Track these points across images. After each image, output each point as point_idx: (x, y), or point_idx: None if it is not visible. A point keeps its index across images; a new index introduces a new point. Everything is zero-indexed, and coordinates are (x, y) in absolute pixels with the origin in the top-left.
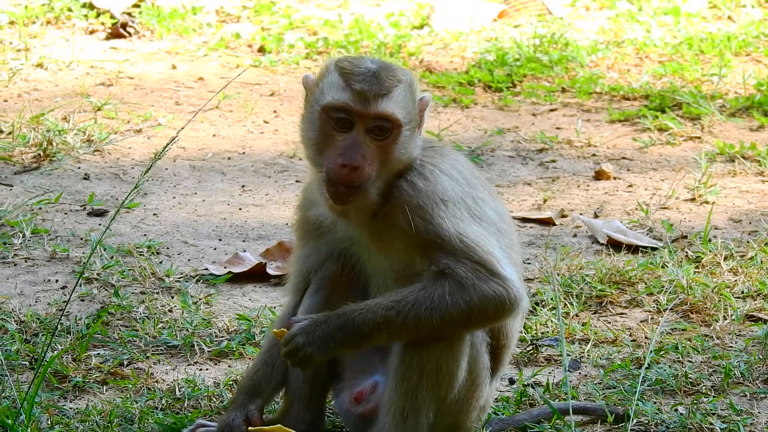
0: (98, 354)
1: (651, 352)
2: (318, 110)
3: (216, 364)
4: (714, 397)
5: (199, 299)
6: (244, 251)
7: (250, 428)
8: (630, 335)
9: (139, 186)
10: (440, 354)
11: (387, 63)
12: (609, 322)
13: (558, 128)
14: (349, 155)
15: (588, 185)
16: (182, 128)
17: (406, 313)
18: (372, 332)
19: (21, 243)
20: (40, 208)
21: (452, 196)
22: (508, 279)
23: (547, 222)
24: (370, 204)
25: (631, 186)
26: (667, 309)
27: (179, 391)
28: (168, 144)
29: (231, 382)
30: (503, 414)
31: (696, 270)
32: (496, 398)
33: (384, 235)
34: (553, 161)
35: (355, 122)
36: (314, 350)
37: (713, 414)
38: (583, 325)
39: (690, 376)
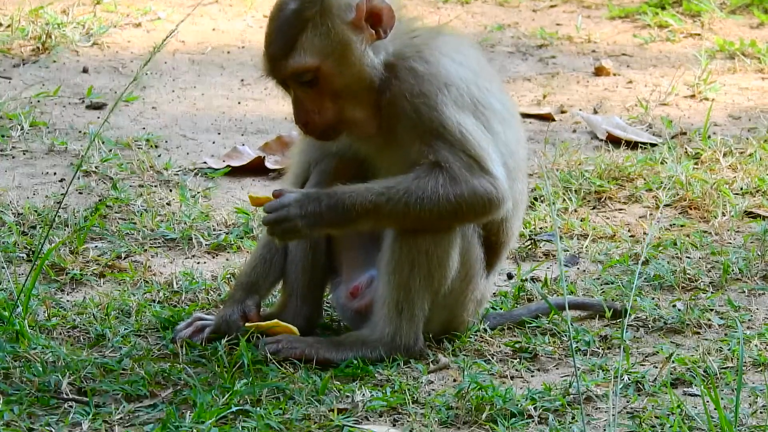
0: (96, 247)
1: (648, 246)
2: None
3: (214, 257)
4: (712, 293)
5: (198, 192)
6: (243, 145)
7: (247, 324)
8: (628, 231)
9: (138, 79)
10: (430, 244)
11: None
12: (608, 218)
13: (558, 24)
14: (297, 116)
15: (588, 81)
16: (181, 21)
17: (396, 200)
18: (360, 216)
19: (19, 135)
20: (38, 101)
21: (456, 80)
22: (497, 178)
23: (546, 117)
24: (365, 117)
25: (630, 82)
26: (665, 205)
27: (177, 284)
28: (167, 37)
29: (228, 276)
30: (501, 309)
31: (695, 166)
32: (494, 293)
33: (389, 126)
34: (553, 57)
35: (286, 83)
36: (304, 224)
37: (711, 310)
38: (581, 221)
39: (688, 272)
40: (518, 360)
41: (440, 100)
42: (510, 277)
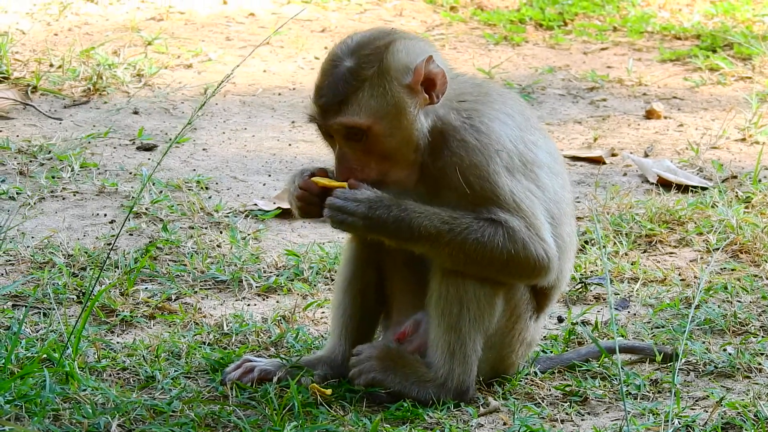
0: (146, 288)
1: (700, 291)
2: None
3: (264, 299)
4: (763, 337)
5: (248, 234)
6: None
7: (315, 178)
8: (679, 275)
9: (191, 123)
10: (476, 285)
11: (361, 52)
12: (658, 262)
13: (609, 67)
14: (339, 170)
15: (638, 124)
16: (237, 66)
17: (457, 233)
18: (420, 238)
19: (70, 177)
20: (89, 142)
21: (506, 144)
22: (550, 246)
23: (597, 161)
24: (406, 175)
25: (681, 125)
26: (716, 249)
27: (227, 326)
28: (222, 81)
29: (279, 318)
30: (551, 352)
31: (746, 210)
32: (544, 336)
33: (434, 187)
34: (604, 100)
35: (332, 134)
36: (364, 225)
37: (762, 354)
38: (632, 264)
39: (739, 316)
40: (568, 403)
41: (492, 170)
42: (560, 320)
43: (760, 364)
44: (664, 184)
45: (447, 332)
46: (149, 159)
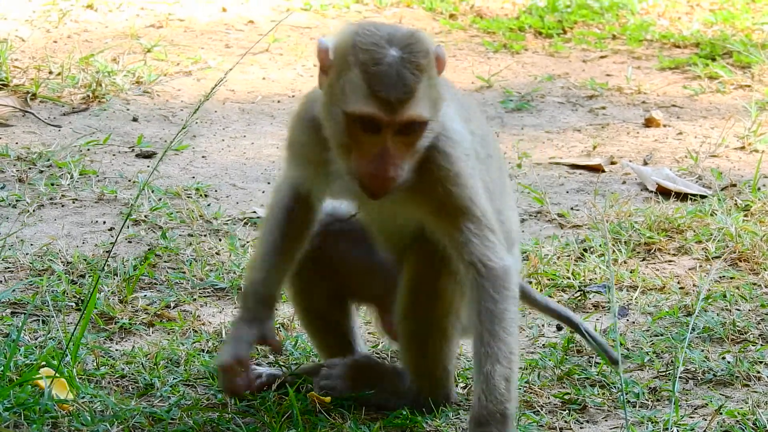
0: (145, 296)
1: (700, 299)
2: (341, 114)
3: None
4: (762, 345)
5: (247, 242)
6: None
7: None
8: (678, 283)
9: (187, 128)
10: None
11: (408, 43)
12: (657, 270)
13: (608, 75)
14: (382, 165)
15: (638, 132)
16: (230, 69)
17: (511, 360)
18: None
19: (69, 184)
20: (88, 150)
21: (472, 153)
22: (511, 260)
23: (596, 169)
24: (401, 186)
25: (680, 134)
26: (715, 257)
27: (226, 333)
28: (216, 85)
29: (277, 326)
30: (550, 361)
31: (745, 218)
32: (543, 344)
33: (410, 202)
34: (603, 108)
35: (382, 128)
36: None
37: (761, 362)
38: (631, 272)
39: (738, 324)
40: (567, 411)
41: (470, 183)
42: (559, 328)
43: (759, 372)
44: (663, 192)
45: (414, 347)
46: (148, 166)
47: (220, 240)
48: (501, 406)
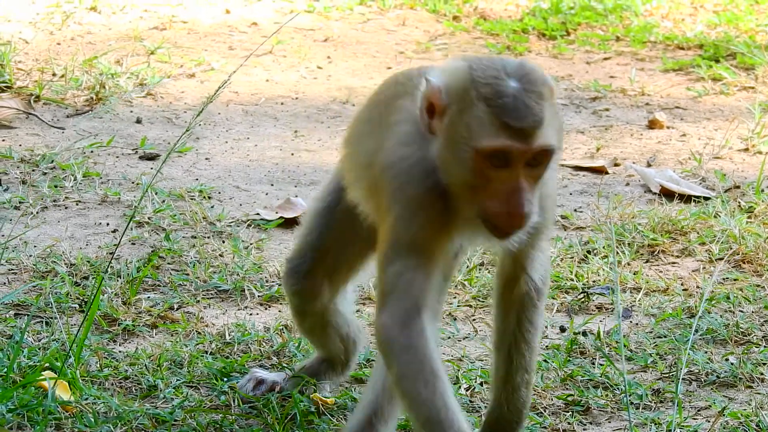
0: (148, 297)
1: (703, 301)
2: (470, 152)
3: (266, 308)
4: (765, 347)
5: (250, 244)
6: (296, 196)
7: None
8: (682, 284)
9: (191, 130)
10: None
11: (525, 73)
12: (661, 272)
13: (612, 77)
14: (516, 203)
15: (641, 134)
16: (234, 71)
17: (534, 369)
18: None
19: (72, 186)
20: (92, 152)
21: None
22: None
23: (599, 170)
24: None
25: (684, 135)
26: (719, 259)
27: (229, 335)
28: (219, 88)
29: (281, 327)
30: (554, 363)
31: (748, 220)
32: (546, 346)
33: None
34: (607, 110)
35: (514, 161)
36: None
37: (764, 364)
38: (634, 274)
39: (741, 325)
40: (570, 413)
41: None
42: (563, 330)
43: (762, 374)
44: (667, 194)
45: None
46: (152, 168)
47: (223, 242)
48: (520, 415)
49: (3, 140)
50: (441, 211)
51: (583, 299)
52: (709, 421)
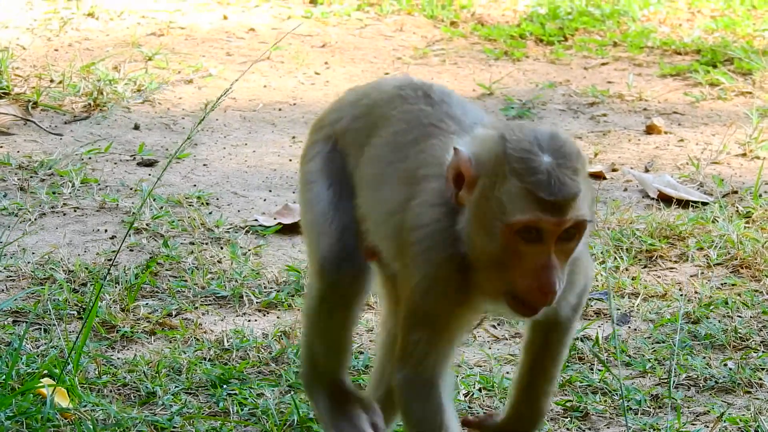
0: (147, 304)
1: (701, 306)
2: (501, 226)
3: (265, 315)
4: (763, 352)
5: (249, 250)
6: (294, 202)
7: None
8: (679, 290)
9: (191, 137)
10: None
11: (559, 146)
12: (659, 277)
13: (609, 82)
14: (546, 279)
15: (639, 139)
16: (236, 80)
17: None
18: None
19: (70, 192)
20: (89, 158)
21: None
22: None
23: (597, 176)
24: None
25: (682, 140)
26: (717, 264)
27: (227, 341)
28: (221, 96)
29: (279, 334)
30: None
31: (746, 225)
32: None
33: None
34: (604, 115)
35: (546, 235)
36: None
37: (762, 369)
38: (632, 280)
39: (739, 331)
40: (569, 419)
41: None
42: None
43: (760, 379)
44: (665, 199)
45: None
46: (150, 174)
47: (221, 248)
48: (536, 424)
49: (1, 147)
50: (463, 283)
51: None
52: (707, 427)
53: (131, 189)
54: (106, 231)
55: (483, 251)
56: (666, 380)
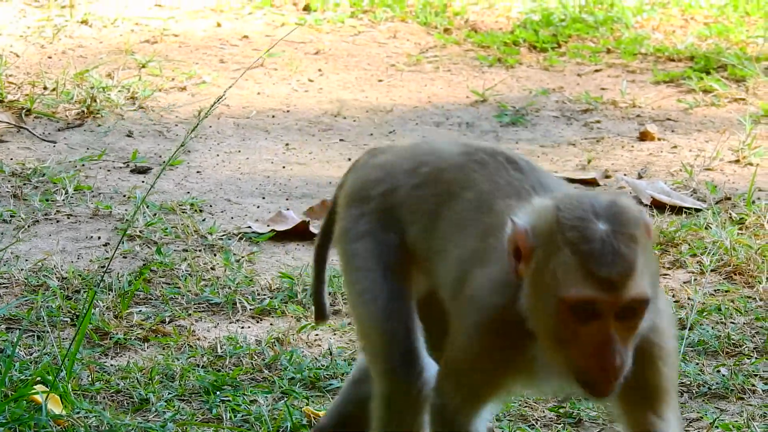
0: (140, 311)
1: (694, 312)
2: (555, 302)
3: (258, 322)
4: (756, 358)
5: (242, 257)
6: (288, 209)
7: None
8: (673, 296)
9: (185, 145)
10: None
11: (616, 212)
12: None
13: (603, 89)
14: (607, 360)
15: (632, 146)
16: (229, 87)
17: None
18: None
19: (64, 199)
20: (83, 165)
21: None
22: None
23: (591, 182)
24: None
25: (675, 147)
26: (710, 270)
27: (221, 348)
28: (214, 104)
29: (273, 340)
30: None
31: (739, 231)
32: None
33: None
34: (598, 122)
35: (603, 313)
36: None
37: (755, 375)
38: None
39: (732, 337)
40: (562, 425)
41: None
42: None
43: (753, 385)
44: (658, 206)
45: None
46: (143, 182)
47: (215, 255)
48: None
49: None
50: (525, 362)
51: None
52: None
53: (124, 196)
54: (99, 238)
55: (542, 327)
56: None
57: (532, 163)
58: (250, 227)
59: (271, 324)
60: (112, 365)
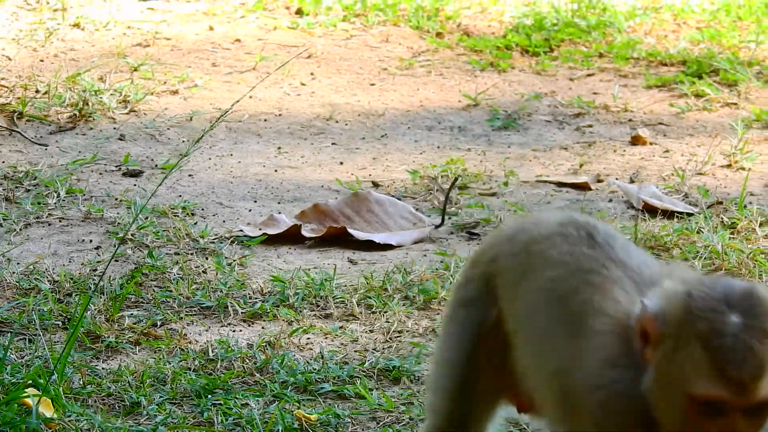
0: (131, 314)
1: None
2: (681, 395)
3: (250, 325)
4: None
5: (234, 260)
6: (279, 213)
7: None
8: None
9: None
10: None
11: (752, 304)
12: None
13: (595, 93)
14: None
15: (624, 150)
16: (237, 101)
17: None
18: None
19: (55, 203)
20: (75, 168)
21: None
22: None
23: (582, 187)
24: None
25: (667, 151)
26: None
27: (212, 352)
28: (220, 118)
29: (264, 344)
30: None
31: (731, 236)
32: None
33: None
34: (590, 126)
35: (730, 411)
36: None
37: None
38: None
39: None
40: None
41: None
42: None
43: None
44: (650, 210)
45: None
46: (135, 185)
47: (206, 258)
48: None
49: None
50: None
51: None
52: None
53: (116, 199)
54: (91, 241)
55: (667, 416)
56: None
57: (613, 238)
58: (241, 231)
59: (262, 327)
60: (103, 368)
